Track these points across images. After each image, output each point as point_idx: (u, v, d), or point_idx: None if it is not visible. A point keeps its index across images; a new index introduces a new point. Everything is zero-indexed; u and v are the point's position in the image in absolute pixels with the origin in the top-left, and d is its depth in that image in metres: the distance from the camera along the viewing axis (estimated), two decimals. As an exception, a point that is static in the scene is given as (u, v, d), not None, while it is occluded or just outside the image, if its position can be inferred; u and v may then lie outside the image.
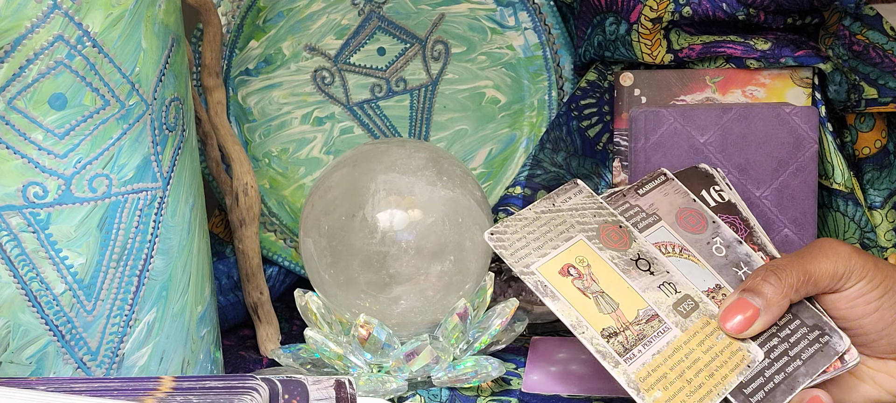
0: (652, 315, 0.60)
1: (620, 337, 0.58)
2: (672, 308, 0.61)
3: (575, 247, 0.62)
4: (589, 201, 0.66)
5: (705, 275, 0.63)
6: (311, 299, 0.71)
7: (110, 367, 0.60)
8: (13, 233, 0.56)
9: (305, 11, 0.84)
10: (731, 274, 0.64)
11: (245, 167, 0.76)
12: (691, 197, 0.68)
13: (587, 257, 0.62)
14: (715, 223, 0.66)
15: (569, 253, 0.62)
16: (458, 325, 0.69)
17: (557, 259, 0.61)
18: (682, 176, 0.69)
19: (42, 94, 0.55)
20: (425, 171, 0.69)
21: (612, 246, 0.63)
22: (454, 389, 0.69)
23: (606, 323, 0.59)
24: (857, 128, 0.79)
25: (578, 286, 0.60)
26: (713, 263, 0.64)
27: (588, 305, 0.60)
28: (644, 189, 0.68)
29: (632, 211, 0.66)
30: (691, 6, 0.75)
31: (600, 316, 0.59)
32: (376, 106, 0.86)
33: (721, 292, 0.63)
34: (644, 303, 0.61)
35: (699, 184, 0.69)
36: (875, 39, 0.72)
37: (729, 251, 0.65)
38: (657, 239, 0.65)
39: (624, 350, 0.58)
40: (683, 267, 0.63)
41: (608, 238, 0.63)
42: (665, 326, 0.60)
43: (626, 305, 0.60)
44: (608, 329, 0.59)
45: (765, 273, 0.60)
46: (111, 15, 0.56)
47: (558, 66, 0.86)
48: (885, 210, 0.79)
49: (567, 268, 0.61)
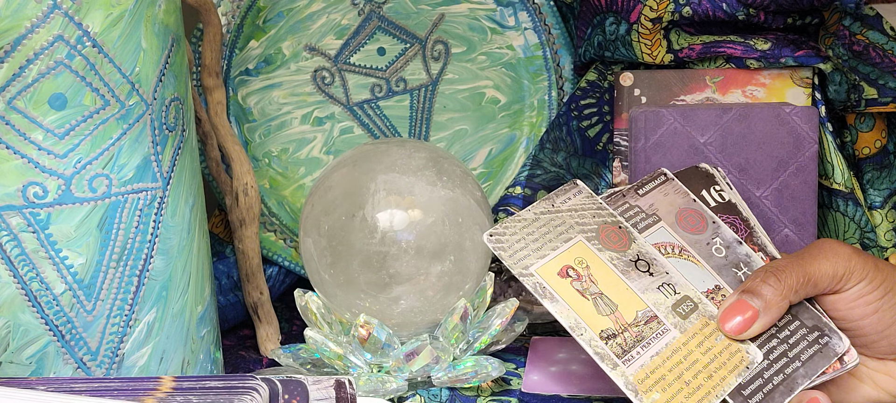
0: (651, 316, 0.60)
1: (619, 339, 0.58)
2: (671, 309, 0.61)
3: (574, 249, 0.62)
4: (588, 202, 0.66)
5: (705, 276, 0.63)
6: (311, 299, 0.71)
7: (110, 367, 0.60)
8: (13, 233, 0.56)
9: (305, 11, 0.84)
10: (731, 274, 0.64)
11: (245, 167, 0.76)
12: (691, 197, 0.67)
13: (586, 258, 0.62)
14: (715, 223, 0.66)
15: (568, 255, 0.62)
16: (458, 325, 0.69)
17: (556, 260, 0.61)
18: (683, 175, 0.69)
19: (42, 94, 0.55)
20: (425, 171, 0.69)
21: (611, 247, 0.63)
22: (454, 389, 0.69)
23: (605, 324, 0.59)
24: (857, 128, 0.79)
25: (577, 287, 0.60)
26: (713, 264, 0.64)
27: (587, 307, 0.59)
28: (644, 189, 0.68)
29: (631, 212, 0.66)
30: (691, 6, 0.75)
31: (599, 317, 0.59)
32: (376, 106, 0.86)
33: (720, 293, 0.62)
34: (643, 305, 0.60)
35: (699, 184, 0.69)
36: (875, 39, 0.72)
37: (729, 251, 0.65)
38: (657, 240, 0.64)
39: (622, 352, 0.58)
40: (683, 267, 0.63)
41: (607, 239, 0.63)
42: (664, 327, 0.60)
43: (624, 306, 0.60)
44: (607, 330, 0.59)
45: (764, 274, 0.60)
46: (111, 15, 0.56)
47: (558, 65, 0.86)
48: (885, 210, 0.79)
49: (566, 270, 0.61)
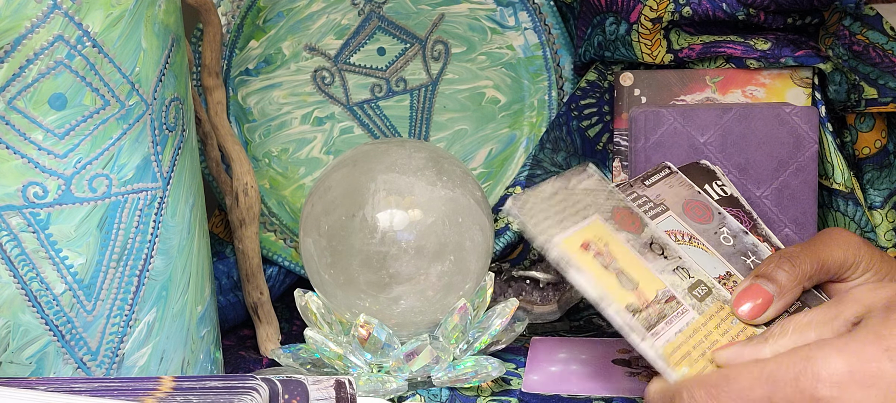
0: (670, 296, 0.60)
1: (644, 314, 0.58)
2: (687, 291, 0.61)
3: (592, 226, 0.62)
4: (601, 185, 0.65)
5: (715, 263, 0.63)
6: (311, 299, 0.71)
7: (110, 367, 0.60)
8: (13, 233, 0.56)
9: (305, 11, 0.84)
10: (740, 262, 0.64)
11: (245, 167, 0.76)
12: (696, 189, 0.68)
13: (604, 236, 0.61)
14: (721, 214, 0.66)
15: (587, 231, 0.61)
16: (458, 325, 0.69)
17: (578, 234, 0.61)
18: (684, 170, 0.69)
19: (42, 94, 0.55)
20: (425, 171, 0.69)
21: (627, 228, 0.63)
22: (454, 389, 0.69)
23: (629, 299, 0.58)
24: (857, 128, 0.79)
25: (600, 262, 0.60)
26: (722, 251, 0.64)
27: (611, 280, 0.59)
28: (650, 180, 0.68)
29: (640, 201, 0.66)
30: (691, 6, 0.75)
31: (623, 291, 0.59)
32: (376, 106, 0.86)
33: (732, 279, 0.63)
34: (661, 284, 0.60)
35: (701, 179, 0.69)
36: (875, 39, 0.72)
37: (736, 240, 0.65)
38: (667, 228, 0.65)
39: (649, 326, 0.57)
40: (694, 254, 0.63)
41: (622, 220, 0.63)
42: (683, 308, 0.59)
43: (645, 284, 0.60)
44: (632, 305, 0.58)
45: (778, 259, 0.60)
46: (111, 15, 0.56)
47: (558, 65, 0.86)
48: (885, 210, 0.79)
49: (587, 244, 0.60)
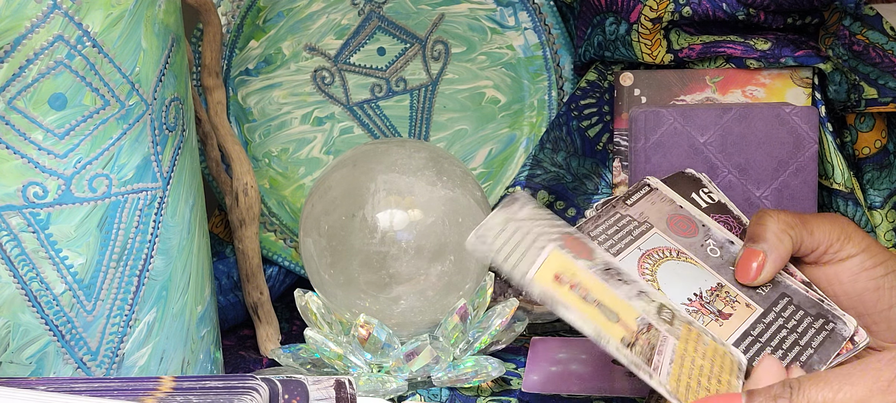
0: (647, 324, 0.56)
1: (637, 347, 0.53)
2: (657, 315, 0.57)
3: (553, 257, 0.56)
4: (540, 211, 0.60)
5: (706, 276, 0.63)
6: (311, 299, 0.71)
7: (110, 367, 0.60)
8: (13, 233, 0.56)
9: (305, 11, 0.84)
10: (729, 272, 0.64)
11: (245, 167, 0.76)
12: (677, 204, 0.67)
13: (569, 266, 0.56)
14: (705, 226, 0.66)
15: (551, 262, 0.56)
16: (458, 325, 0.69)
17: (544, 267, 0.55)
18: (670, 181, 0.68)
19: (42, 94, 0.55)
20: (425, 171, 0.69)
21: (583, 256, 0.57)
22: (454, 389, 0.69)
23: (620, 332, 0.54)
24: (857, 128, 0.79)
25: (579, 294, 0.55)
26: (710, 264, 0.64)
27: (596, 313, 0.54)
28: (631, 199, 0.66)
29: (624, 221, 0.64)
30: (691, 6, 0.75)
31: (610, 324, 0.54)
32: (376, 106, 0.86)
33: (724, 290, 0.62)
34: (636, 312, 0.56)
35: (688, 188, 0.68)
36: (875, 39, 0.72)
37: (722, 251, 0.65)
38: (653, 245, 0.63)
39: (647, 360, 0.53)
40: (683, 269, 0.63)
41: (574, 247, 0.58)
42: (662, 334, 0.56)
43: (623, 314, 0.55)
44: (625, 338, 0.54)
45: (759, 216, 0.62)
46: (111, 15, 0.56)
47: (558, 66, 0.86)
48: (885, 210, 0.79)
49: (558, 276, 0.55)
